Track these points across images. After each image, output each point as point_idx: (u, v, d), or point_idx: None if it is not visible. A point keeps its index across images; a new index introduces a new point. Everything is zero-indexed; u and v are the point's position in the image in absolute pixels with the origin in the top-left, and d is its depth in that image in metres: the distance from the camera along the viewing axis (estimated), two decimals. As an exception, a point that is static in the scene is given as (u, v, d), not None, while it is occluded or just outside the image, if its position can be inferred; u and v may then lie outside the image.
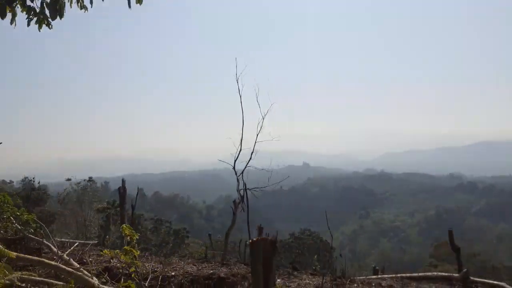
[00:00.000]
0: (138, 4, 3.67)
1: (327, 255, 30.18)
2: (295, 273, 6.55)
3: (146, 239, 20.72)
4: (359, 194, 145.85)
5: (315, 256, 7.75)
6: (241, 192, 5.60)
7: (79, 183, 20.28)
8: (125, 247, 3.79)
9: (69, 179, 20.43)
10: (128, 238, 3.82)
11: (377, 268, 9.23)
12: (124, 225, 3.98)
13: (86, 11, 3.73)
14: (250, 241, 3.99)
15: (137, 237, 3.86)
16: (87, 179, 20.85)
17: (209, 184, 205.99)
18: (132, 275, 4.01)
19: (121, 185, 10.36)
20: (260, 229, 7.54)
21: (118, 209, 21.16)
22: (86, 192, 19.59)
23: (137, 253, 3.75)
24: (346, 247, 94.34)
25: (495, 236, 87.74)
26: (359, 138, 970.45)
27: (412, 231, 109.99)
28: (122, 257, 3.70)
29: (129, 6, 3.62)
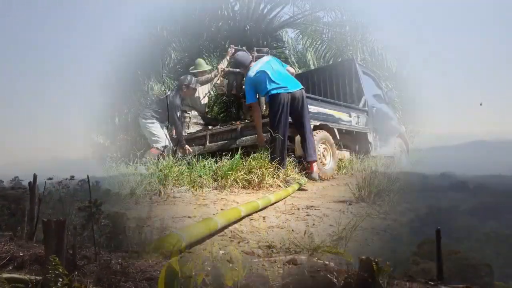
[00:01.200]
0: None
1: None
2: None
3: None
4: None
5: None
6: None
7: (60, 182, 20.55)
8: None
9: (50, 178, 20.71)
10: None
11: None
12: None
13: None
14: (42, 221, 4.66)
15: None
16: (69, 177, 21.14)
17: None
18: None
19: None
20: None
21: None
22: (68, 191, 19.83)
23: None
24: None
25: (483, 235, 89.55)
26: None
27: (403, 230, 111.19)
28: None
29: None
